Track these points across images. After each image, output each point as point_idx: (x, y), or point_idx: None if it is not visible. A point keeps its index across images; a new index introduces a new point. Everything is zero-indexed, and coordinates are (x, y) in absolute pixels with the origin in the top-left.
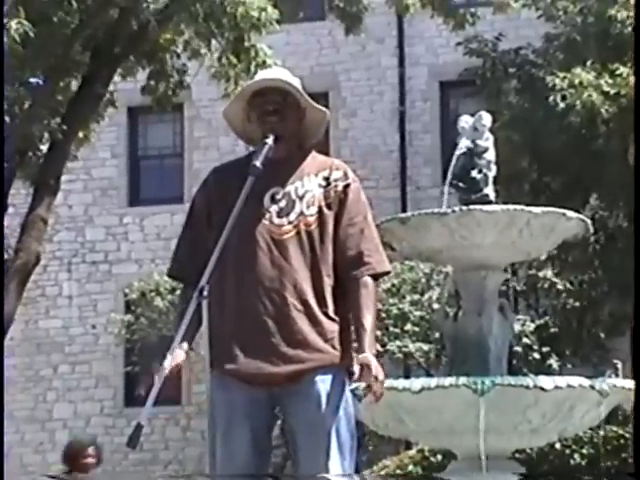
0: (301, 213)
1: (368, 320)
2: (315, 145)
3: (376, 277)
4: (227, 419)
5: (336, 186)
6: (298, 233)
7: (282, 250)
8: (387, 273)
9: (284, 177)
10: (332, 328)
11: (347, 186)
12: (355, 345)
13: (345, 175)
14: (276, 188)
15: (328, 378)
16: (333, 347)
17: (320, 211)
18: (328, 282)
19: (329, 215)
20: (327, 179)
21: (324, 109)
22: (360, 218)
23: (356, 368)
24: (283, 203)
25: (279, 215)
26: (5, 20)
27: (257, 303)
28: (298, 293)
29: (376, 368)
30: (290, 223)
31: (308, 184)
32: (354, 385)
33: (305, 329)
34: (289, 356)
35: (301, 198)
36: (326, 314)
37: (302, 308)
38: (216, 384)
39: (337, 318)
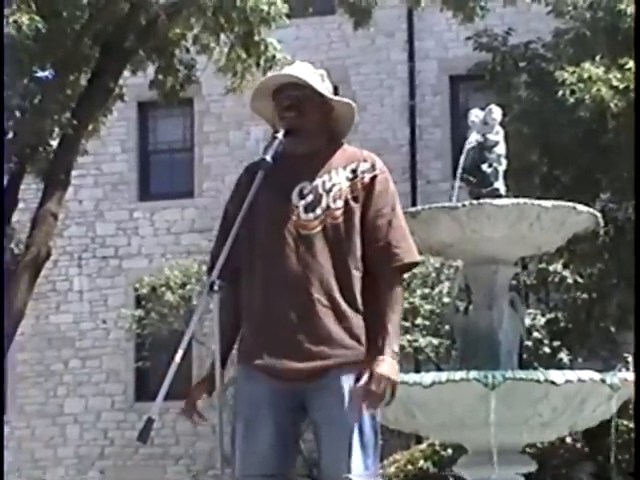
0: (327, 207)
1: (391, 318)
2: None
3: (406, 268)
4: (250, 411)
5: (363, 178)
6: (324, 227)
7: (308, 245)
8: (417, 264)
9: (312, 172)
10: (359, 323)
11: (374, 177)
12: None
13: (372, 166)
14: (304, 183)
15: (353, 374)
16: (359, 342)
17: (347, 204)
18: (357, 275)
19: (356, 207)
20: (354, 171)
21: (349, 101)
22: (388, 209)
23: (365, 375)
24: (310, 198)
25: (306, 210)
26: (16, 16)
27: (282, 299)
28: (324, 288)
29: (381, 377)
30: (316, 218)
31: (336, 177)
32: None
33: (330, 325)
34: (313, 352)
35: (328, 192)
36: (353, 308)
37: (328, 303)
38: (241, 377)
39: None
